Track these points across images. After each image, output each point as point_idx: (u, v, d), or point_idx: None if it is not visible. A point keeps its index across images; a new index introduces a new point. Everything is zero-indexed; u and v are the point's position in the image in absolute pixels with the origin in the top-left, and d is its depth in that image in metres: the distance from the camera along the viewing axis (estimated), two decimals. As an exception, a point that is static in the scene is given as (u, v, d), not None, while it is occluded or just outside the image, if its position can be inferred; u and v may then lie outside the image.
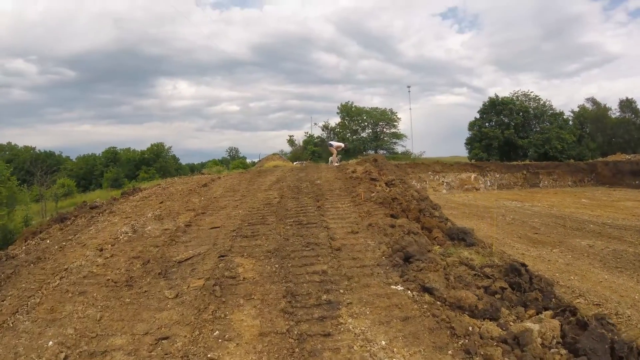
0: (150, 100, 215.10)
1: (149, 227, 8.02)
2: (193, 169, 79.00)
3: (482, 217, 18.69)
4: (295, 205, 9.17)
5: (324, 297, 4.66)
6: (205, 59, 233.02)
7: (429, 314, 4.34)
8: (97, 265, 6.11)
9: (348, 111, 61.45)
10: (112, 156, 71.71)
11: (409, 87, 74.85)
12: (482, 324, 4.38)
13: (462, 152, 60.66)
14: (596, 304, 7.54)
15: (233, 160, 78.12)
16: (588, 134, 56.12)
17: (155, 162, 68.32)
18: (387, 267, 5.69)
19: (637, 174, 33.58)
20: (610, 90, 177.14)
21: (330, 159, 18.86)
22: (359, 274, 5.42)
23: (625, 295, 8.05)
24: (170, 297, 4.78)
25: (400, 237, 6.88)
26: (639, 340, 4.25)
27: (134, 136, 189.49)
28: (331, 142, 20.36)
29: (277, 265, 5.66)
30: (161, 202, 10.47)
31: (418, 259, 5.88)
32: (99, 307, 4.74)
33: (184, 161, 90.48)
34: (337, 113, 62.88)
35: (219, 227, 7.73)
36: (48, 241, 8.19)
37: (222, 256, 6.01)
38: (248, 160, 72.15)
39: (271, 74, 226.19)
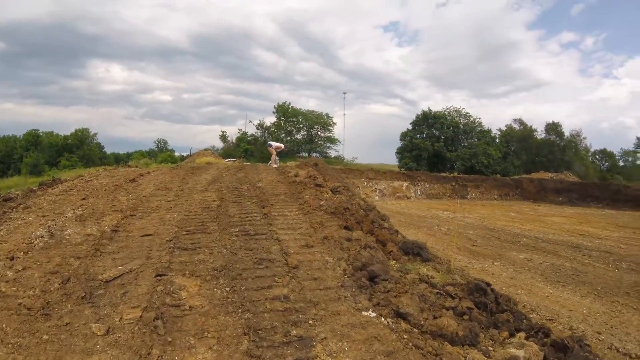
0: (79, 81, 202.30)
1: (69, 231, 6.85)
2: (119, 159, 75.32)
3: (418, 226, 18.73)
4: (238, 211, 8.32)
5: (293, 331, 3.96)
6: (142, 44, 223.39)
7: (411, 345, 3.90)
8: (6, 282, 4.97)
9: (284, 112, 60.88)
10: (34, 139, 66.49)
11: (344, 93, 74.76)
12: (467, 353, 4.09)
13: (392, 160, 62.47)
14: (549, 319, 7.54)
15: (161, 153, 75.33)
16: (513, 151, 60.36)
17: (79, 149, 64.87)
18: (353, 289, 5.15)
19: (560, 191, 36.09)
20: (535, 113, 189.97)
21: (270, 160, 18.07)
22: (324, 299, 4.80)
23: (574, 310, 8.19)
24: (99, 333, 3.80)
25: (357, 252, 6.41)
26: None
27: (59, 119, 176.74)
28: (270, 143, 19.60)
29: (228, 289, 4.85)
30: (83, 199, 9.19)
31: (384, 278, 5.51)
32: (10, 345, 3.69)
33: (109, 150, 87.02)
34: (273, 112, 62.41)
35: (151, 234, 6.74)
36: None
37: (160, 275, 5.08)
38: (177, 154, 69.93)
39: (208, 66, 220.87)
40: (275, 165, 16.82)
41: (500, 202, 34.50)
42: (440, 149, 53.91)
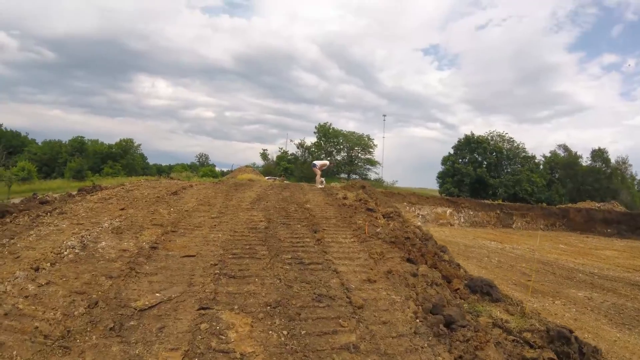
0: (126, 94, 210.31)
1: (103, 244, 6.15)
2: (160, 170, 76.86)
3: (467, 257, 17.59)
4: (289, 235, 7.48)
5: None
6: (187, 61, 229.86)
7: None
8: (26, 297, 4.25)
9: (325, 132, 60.84)
10: (79, 145, 68.51)
11: (384, 115, 74.69)
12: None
13: (431, 184, 61.60)
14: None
15: (202, 167, 76.26)
16: (558, 179, 57.50)
17: (122, 158, 66.39)
18: (429, 337, 4.27)
19: (609, 222, 34.06)
20: (578, 138, 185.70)
21: (316, 180, 17.36)
22: (399, 350, 3.94)
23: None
24: (127, 387, 3.00)
25: (423, 289, 5.55)
26: None
27: (105, 129, 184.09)
28: (315, 163, 18.80)
29: (285, 332, 3.98)
30: (122, 209, 8.56)
31: (461, 325, 4.64)
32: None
33: (151, 161, 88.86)
34: (314, 133, 62.70)
35: (194, 255, 5.96)
36: (-26, 243, 6.24)
37: (204, 308, 4.26)
38: (217, 169, 70.68)
39: (250, 86, 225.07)
40: (320, 186, 16.06)
41: (547, 233, 32.71)
42: (482, 175, 52.45)
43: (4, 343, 3.47)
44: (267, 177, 33.96)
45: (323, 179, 17.67)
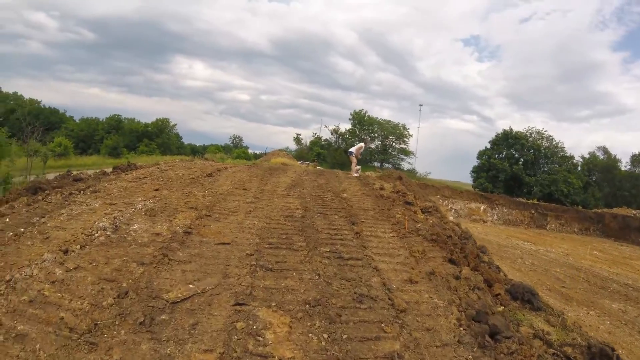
0: (163, 75, 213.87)
1: (136, 226, 5.91)
2: (195, 150, 77.39)
3: (500, 257, 16.93)
4: (326, 226, 7.13)
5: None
6: (225, 44, 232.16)
7: None
8: (52, 283, 4.03)
9: (360, 119, 60.10)
10: (116, 124, 69.56)
11: (420, 105, 72.84)
12: None
13: (464, 178, 60.04)
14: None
15: (236, 149, 76.66)
16: (595, 182, 55.39)
17: (158, 137, 67.13)
18: (474, 349, 4.01)
19: None
20: (618, 141, 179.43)
21: (352, 167, 16.90)
22: (444, 360, 3.57)
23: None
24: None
25: (465, 293, 5.26)
26: None
27: (141, 108, 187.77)
28: (351, 150, 18.05)
29: (326, 335, 3.67)
30: (157, 190, 8.35)
31: (506, 336, 4.39)
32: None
33: (186, 141, 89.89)
34: (349, 119, 61.92)
35: (229, 243, 5.68)
36: (7, 220, 6.06)
37: (240, 304, 3.96)
38: (250, 151, 70.85)
39: (286, 70, 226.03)
40: (355, 175, 15.65)
41: (581, 237, 31.43)
42: (518, 172, 50.59)
43: (28, 335, 3.26)
44: (299, 162, 33.60)
45: (359, 167, 17.20)
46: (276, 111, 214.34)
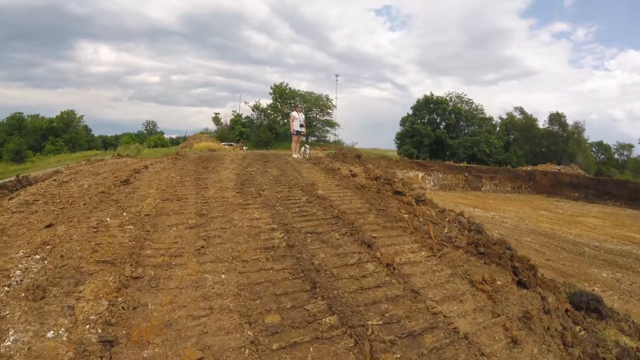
0: (67, 63, 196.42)
1: (8, 343, 2.90)
2: (107, 142, 72.74)
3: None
4: (336, 259, 4.43)
5: None
6: (131, 24, 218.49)
7: None
8: None
9: (281, 93, 57.70)
10: (18, 123, 63.20)
11: (337, 76, 70.87)
12: None
13: (384, 144, 60.70)
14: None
15: (150, 135, 72.14)
16: (515, 141, 58.48)
17: (65, 133, 62.24)
18: None
19: (576, 187, 33.83)
20: (525, 101, 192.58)
21: (292, 147, 14.22)
22: None
23: None
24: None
25: (571, 336, 3.95)
26: None
27: (46, 102, 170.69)
28: (300, 130, 14.95)
29: None
30: (49, 226, 5.07)
31: None
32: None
33: (96, 132, 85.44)
34: (270, 93, 59.60)
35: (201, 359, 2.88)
36: None
37: None
38: (166, 136, 67.06)
39: (197, 47, 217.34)
40: (296, 156, 13.06)
41: (516, 196, 31.73)
42: (441, 136, 51.88)
43: None
44: (222, 143, 30.69)
45: (307, 146, 14.43)
46: (189, 91, 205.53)
